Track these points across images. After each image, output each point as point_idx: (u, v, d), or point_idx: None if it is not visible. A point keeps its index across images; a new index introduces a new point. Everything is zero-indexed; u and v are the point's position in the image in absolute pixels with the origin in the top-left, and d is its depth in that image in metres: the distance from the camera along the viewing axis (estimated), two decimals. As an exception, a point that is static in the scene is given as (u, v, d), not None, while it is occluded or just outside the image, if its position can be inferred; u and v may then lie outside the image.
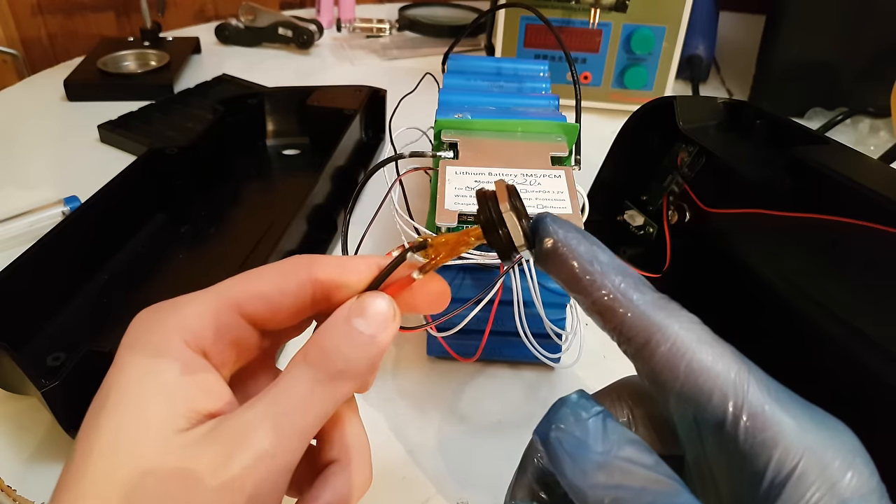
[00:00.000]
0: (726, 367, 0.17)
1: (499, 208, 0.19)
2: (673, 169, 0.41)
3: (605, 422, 0.18)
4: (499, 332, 0.33)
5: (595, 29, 0.62)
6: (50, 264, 0.36)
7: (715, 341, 0.18)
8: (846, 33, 0.62)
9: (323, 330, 0.19)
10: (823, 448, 0.16)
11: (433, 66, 0.51)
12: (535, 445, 0.21)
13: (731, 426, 0.17)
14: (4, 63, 0.92)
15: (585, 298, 0.19)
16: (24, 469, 0.31)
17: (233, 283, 0.20)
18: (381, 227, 0.36)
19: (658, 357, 0.18)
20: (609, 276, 0.19)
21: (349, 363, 0.18)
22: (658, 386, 0.18)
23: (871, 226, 0.29)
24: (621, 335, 0.18)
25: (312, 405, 0.18)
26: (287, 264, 0.20)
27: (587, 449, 0.18)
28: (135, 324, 0.18)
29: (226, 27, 0.82)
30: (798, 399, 0.18)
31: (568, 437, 0.18)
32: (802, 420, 0.17)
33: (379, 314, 0.19)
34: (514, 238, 0.19)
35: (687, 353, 0.17)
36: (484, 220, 0.20)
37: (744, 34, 0.82)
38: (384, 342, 0.19)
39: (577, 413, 0.18)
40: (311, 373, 0.18)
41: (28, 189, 0.53)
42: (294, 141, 0.57)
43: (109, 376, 0.17)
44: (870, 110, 0.64)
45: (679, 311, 0.18)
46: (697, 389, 0.17)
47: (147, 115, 0.62)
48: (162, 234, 0.45)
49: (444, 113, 0.37)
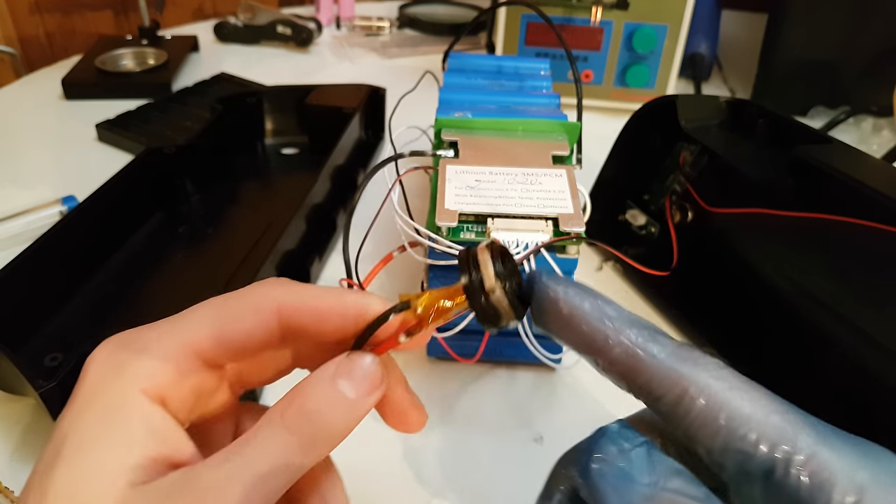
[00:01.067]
0: (765, 412, 0.16)
1: (482, 277, 0.18)
2: (675, 168, 0.41)
3: (649, 452, 0.17)
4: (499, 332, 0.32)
5: (596, 27, 0.62)
6: (47, 264, 0.36)
7: (748, 386, 0.17)
8: (849, 32, 0.62)
9: (304, 389, 0.17)
10: (878, 483, 0.16)
11: (433, 65, 0.51)
12: (562, 474, 0.20)
13: (782, 474, 0.16)
14: (2, 62, 0.92)
15: (602, 359, 0.18)
16: (22, 470, 0.30)
17: (198, 324, 0.18)
18: (382, 226, 0.36)
19: (696, 413, 0.17)
20: (624, 332, 0.17)
21: (329, 428, 0.17)
22: (698, 441, 0.17)
23: (874, 225, 0.29)
24: (650, 395, 0.17)
25: (286, 468, 0.17)
26: (257, 300, 0.19)
27: (633, 481, 0.17)
28: (93, 367, 0.17)
29: (224, 25, 0.82)
30: (842, 434, 0.17)
31: (612, 469, 0.17)
32: (853, 457, 0.16)
33: (367, 378, 0.18)
34: (501, 312, 0.18)
35: (724, 403, 0.16)
36: (467, 288, 0.18)
37: (746, 33, 0.82)
38: (368, 407, 0.18)
39: (619, 443, 0.18)
40: (286, 435, 0.17)
41: (25, 188, 0.52)
42: (293, 140, 0.57)
43: (64, 423, 0.17)
44: (872, 109, 0.64)
45: (704, 357, 0.17)
46: (740, 440, 0.16)
47: (145, 113, 0.61)
48: (160, 233, 0.45)
49: (445, 111, 0.37)
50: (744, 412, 0.16)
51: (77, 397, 0.17)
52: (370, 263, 0.32)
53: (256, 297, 0.19)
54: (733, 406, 0.16)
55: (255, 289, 0.19)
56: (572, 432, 0.33)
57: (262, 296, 0.19)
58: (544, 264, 0.30)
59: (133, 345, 0.18)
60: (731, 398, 0.17)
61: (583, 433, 0.35)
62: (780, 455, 0.16)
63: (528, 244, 0.30)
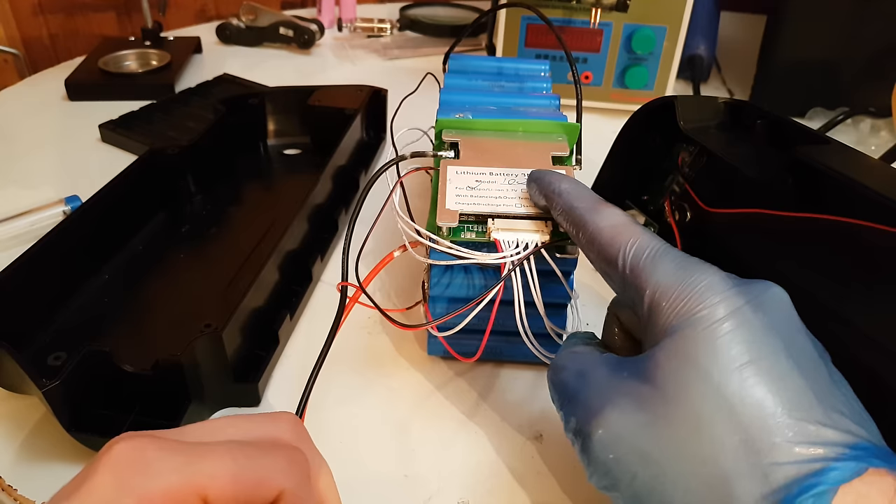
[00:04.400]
0: (629, 237, 0.25)
1: None
2: (674, 169, 0.41)
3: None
4: (499, 331, 0.33)
5: (596, 29, 0.62)
6: (51, 264, 0.36)
7: (628, 223, 0.26)
8: (847, 33, 0.62)
9: None
10: (673, 284, 0.23)
11: (434, 66, 0.51)
12: None
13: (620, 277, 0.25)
14: (5, 63, 0.92)
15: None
16: (24, 468, 0.31)
17: (202, 463, 0.18)
18: (383, 226, 0.36)
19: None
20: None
21: None
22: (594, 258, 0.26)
23: (873, 226, 0.29)
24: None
25: None
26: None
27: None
28: (99, 487, 0.17)
29: (227, 27, 0.82)
30: (683, 256, 0.24)
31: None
32: (669, 268, 0.23)
33: None
34: None
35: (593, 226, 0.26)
36: None
37: (745, 34, 0.82)
38: None
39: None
40: None
41: (29, 188, 0.53)
42: (295, 140, 0.57)
43: None
44: (871, 110, 0.64)
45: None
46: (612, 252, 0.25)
47: (148, 114, 0.62)
48: (163, 233, 0.45)
49: (445, 112, 0.37)
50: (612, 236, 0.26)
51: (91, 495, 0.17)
52: (371, 263, 0.32)
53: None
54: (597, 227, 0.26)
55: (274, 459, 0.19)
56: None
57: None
58: (544, 265, 0.31)
59: (148, 467, 0.18)
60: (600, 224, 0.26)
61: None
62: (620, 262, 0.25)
63: (528, 244, 0.30)
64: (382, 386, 0.36)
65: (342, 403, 0.35)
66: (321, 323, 0.38)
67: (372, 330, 0.39)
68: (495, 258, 0.30)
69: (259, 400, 0.34)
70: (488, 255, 0.30)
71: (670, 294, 0.22)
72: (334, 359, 0.35)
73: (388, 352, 0.38)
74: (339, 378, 0.36)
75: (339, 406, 0.34)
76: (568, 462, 0.32)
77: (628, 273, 0.24)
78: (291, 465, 0.20)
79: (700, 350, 0.21)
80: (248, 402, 0.34)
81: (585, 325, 0.40)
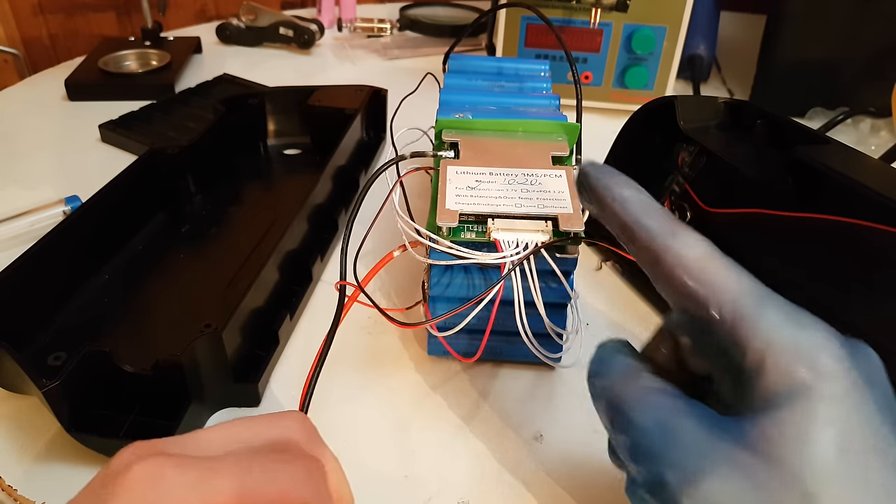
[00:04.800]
0: (724, 278, 0.22)
1: None
2: (674, 169, 0.41)
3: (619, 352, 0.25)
4: (500, 331, 0.33)
5: (596, 29, 0.62)
6: (51, 264, 0.36)
7: (716, 255, 0.23)
8: (847, 33, 0.62)
9: None
10: (786, 343, 0.20)
11: (434, 66, 0.51)
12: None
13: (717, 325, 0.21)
14: (5, 63, 0.92)
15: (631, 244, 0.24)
16: (25, 469, 0.31)
17: (221, 480, 0.18)
18: (382, 226, 0.36)
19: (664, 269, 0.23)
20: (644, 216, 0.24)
21: None
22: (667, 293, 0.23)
23: (872, 226, 0.29)
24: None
25: None
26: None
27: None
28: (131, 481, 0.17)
29: (227, 27, 0.82)
30: (786, 304, 0.21)
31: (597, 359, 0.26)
32: (778, 320, 0.20)
33: None
34: None
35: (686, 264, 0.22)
36: None
37: (745, 34, 0.82)
38: None
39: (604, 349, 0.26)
40: None
41: (29, 188, 0.53)
42: (295, 140, 0.57)
43: None
44: (871, 110, 0.64)
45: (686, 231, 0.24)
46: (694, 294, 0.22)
47: (148, 114, 0.62)
48: (163, 233, 0.45)
49: (445, 112, 0.37)
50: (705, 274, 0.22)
51: None
52: (371, 263, 0.32)
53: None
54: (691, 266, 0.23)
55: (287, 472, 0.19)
56: (572, 430, 0.33)
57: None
58: (544, 264, 0.31)
59: (168, 493, 0.17)
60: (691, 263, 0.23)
61: (583, 431, 0.36)
62: (716, 312, 0.21)
63: (528, 244, 0.30)
64: (382, 386, 0.36)
65: (342, 403, 0.35)
66: (321, 323, 0.38)
67: (372, 330, 0.39)
68: (495, 258, 0.30)
69: (259, 400, 0.34)
70: (488, 255, 0.30)
71: (782, 355, 0.20)
72: (334, 359, 0.35)
73: (388, 352, 0.38)
74: (340, 378, 0.36)
75: (339, 406, 0.34)
76: (568, 462, 0.32)
77: (728, 322, 0.21)
78: (310, 475, 0.20)
79: (818, 429, 0.19)
80: (248, 402, 0.34)
81: (586, 325, 0.40)
